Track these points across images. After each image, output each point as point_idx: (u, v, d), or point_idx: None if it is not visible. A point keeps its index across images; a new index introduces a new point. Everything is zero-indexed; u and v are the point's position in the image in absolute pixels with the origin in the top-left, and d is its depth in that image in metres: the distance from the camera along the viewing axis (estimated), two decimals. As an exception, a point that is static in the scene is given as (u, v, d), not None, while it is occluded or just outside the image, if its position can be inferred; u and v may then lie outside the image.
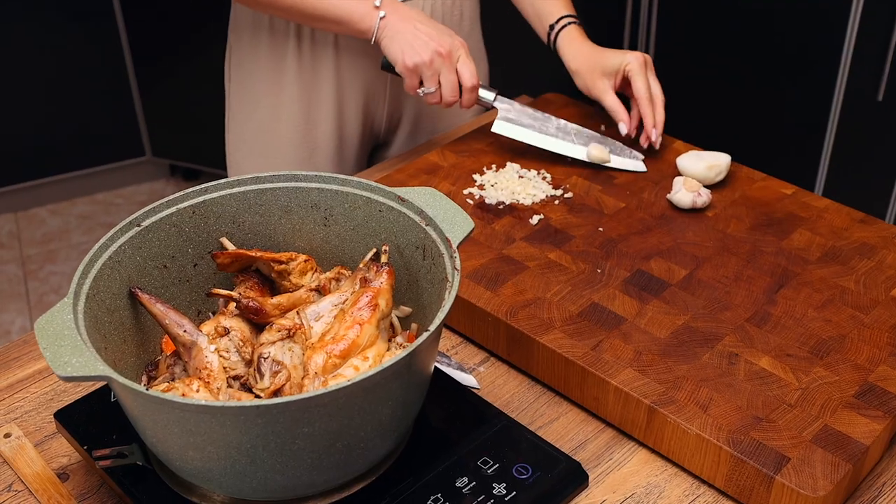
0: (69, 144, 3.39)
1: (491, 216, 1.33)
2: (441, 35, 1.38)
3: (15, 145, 3.31)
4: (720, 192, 1.37)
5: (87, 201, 3.48)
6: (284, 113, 1.57)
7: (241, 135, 1.63)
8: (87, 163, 3.46)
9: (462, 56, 1.39)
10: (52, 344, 0.84)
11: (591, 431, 1.09)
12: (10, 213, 3.41)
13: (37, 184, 3.40)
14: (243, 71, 1.58)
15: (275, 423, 0.81)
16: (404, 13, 1.40)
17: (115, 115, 3.39)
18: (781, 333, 1.12)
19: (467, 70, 1.40)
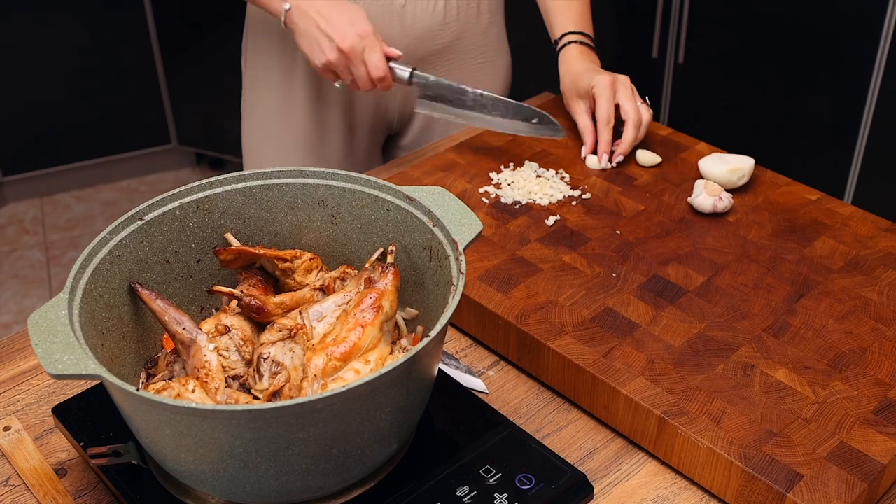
0: (95, 131, 3.39)
1: (506, 216, 1.30)
2: (344, 28, 1.33)
3: (42, 131, 3.31)
4: (742, 197, 1.33)
5: (112, 188, 3.49)
6: (296, 100, 1.55)
7: (254, 121, 1.62)
8: (113, 150, 3.46)
9: (367, 46, 1.34)
10: (45, 340, 0.82)
11: (599, 441, 1.06)
12: (36, 199, 3.42)
13: (62, 169, 3.41)
14: (258, 58, 1.57)
15: (268, 428, 0.78)
16: (308, 4, 1.35)
17: (142, 103, 3.40)
18: (800, 345, 1.08)
19: (372, 62, 1.35)
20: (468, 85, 1.40)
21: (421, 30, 1.52)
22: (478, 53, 1.61)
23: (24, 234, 3.26)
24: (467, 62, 1.60)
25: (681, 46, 2.47)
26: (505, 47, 1.68)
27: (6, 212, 3.36)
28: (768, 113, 2.41)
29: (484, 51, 1.62)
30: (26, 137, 3.31)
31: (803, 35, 2.26)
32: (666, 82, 2.56)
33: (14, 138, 3.29)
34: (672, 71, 2.53)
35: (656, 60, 2.53)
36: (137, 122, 3.44)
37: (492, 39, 1.62)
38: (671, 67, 2.53)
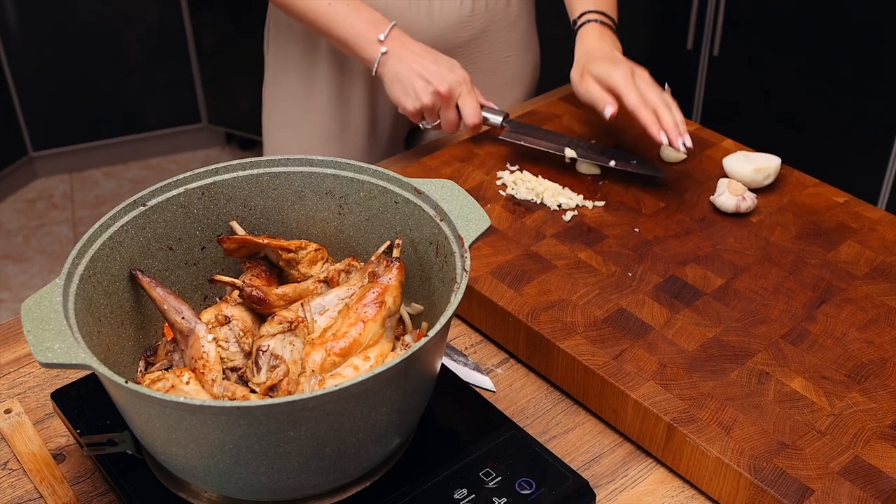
0: (126, 108, 3.40)
1: (522, 209, 1.27)
2: (441, 73, 1.34)
3: (73, 107, 3.33)
4: (767, 197, 1.29)
5: (141, 166, 3.49)
6: (318, 87, 1.53)
7: (275, 105, 1.60)
8: (144, 127, 3.47)
9: (463, 92, 1.36)
10: (37, 327, 0.81)
11: (607, 445, 1.03)
12: (66, 174, 3.43)
13: (93, 146, 3.42)
14: (280, 42, 1.54)
15: (258, 425, 0.77)
16: (405, 51, 1.35)
17: (173, 82, 3.40)
18: (818, 353, 1.05)
19: (468, 108, 1.36)
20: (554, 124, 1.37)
21: (448, 21, 1.49)
22: (505, 47, 1.57)
23: (52, 210, 3.27)
24: (494, 55, 1.57)
25: (716, 38, 2.41)
26: (534, 41, 1.64)
27: (36, 186, 3.38)
28: (804, 109, 2.35)
29: (511, 44, 1.58)
30: (57, 113, 3.32)
31: (844, 30, 2.20)
32: (700, 75, 2.51)
33: (45, 114, 3.30)
34: (707, 63, 2.48)
35: (691, 52, 2.48)
36: (168, 101, 3.44)
37: (520, 33, 1.59)
38: (706, 60, 2.48)
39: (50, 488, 0.97)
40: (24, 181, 3.37)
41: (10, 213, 3.26)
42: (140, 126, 3.46)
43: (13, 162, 3.30)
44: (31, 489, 0.99)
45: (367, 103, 1.55)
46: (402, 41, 1.35)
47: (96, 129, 3.40)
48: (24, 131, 3.29)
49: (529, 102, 1.60)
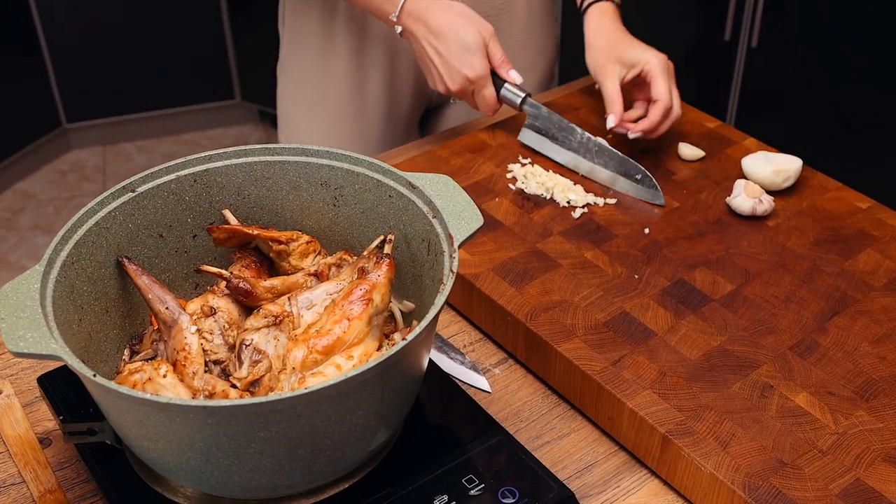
0: (161, 83, 3.40)
1: (531, 205, 1.24)
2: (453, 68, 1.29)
3: (108, 80, 3.34)
4: (786, 200, 1.24)
5: (174, 140, 3.50)
6: (334, 68, 1.50)
7: (290, 84, 1.57)
8: (177, 102, 3.47)
9: (478, 88, 1.31)
10: (11, 315, 0.79)
11: (602, 453, 1.00)
12: (99, 146, 3.45)
13: (126, 119, 3.43)
14: (296, 19, 1.51)
15: (227, 425, 0.75)
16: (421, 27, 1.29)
17: (208, 57, 3.39)
18: (826, 367, 1.00)
19: (482, 103, 1.33)
20: (577, 125, 1.32)
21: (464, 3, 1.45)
22: (524, 30, 1.53)
23: (84, 182, 3.29)
24: (511, 39, 1.53)
25: (755, 30, 2.35)
26: (552, 26, 1.60)
27: (69, 158, 3.40)
28: (841, 107, 2.28)
29: (529, 28, 1.54)
30: (92, 86, 3.33)
31: (886, 27, 2.12)
32: (737, 67, 2.45)
33: (80, 86, 3.31)
34: (744, 55, 2.42)
35: (728, 43, 2.42)
36: (203, 76, 3.44)
37: (537, 17, 1.55)
38: (743, 51, 2.41)
39: (33, 473, 0.96)
40: (58, 152, 3.39)
41: (43, 183, 3.28)
42: (174, 101, 3.46)
43: (47, 133, 3.32)
44: (15, 473, 0.98)
45: (385, 85, 1.52)
46: (416, 15, 1.29)
47: (130, 102, 3.41)
48: (59, 103, 3.31)
49: (548, 93, 1.56)
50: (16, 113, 3.20)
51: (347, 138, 1.56)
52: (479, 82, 1.30)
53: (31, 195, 3.23)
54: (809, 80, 2.32)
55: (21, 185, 3.26)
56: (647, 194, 1.25)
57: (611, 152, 1.29)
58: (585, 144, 1.30)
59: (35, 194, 3.23)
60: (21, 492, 0.96)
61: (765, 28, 2.33)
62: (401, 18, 1.30)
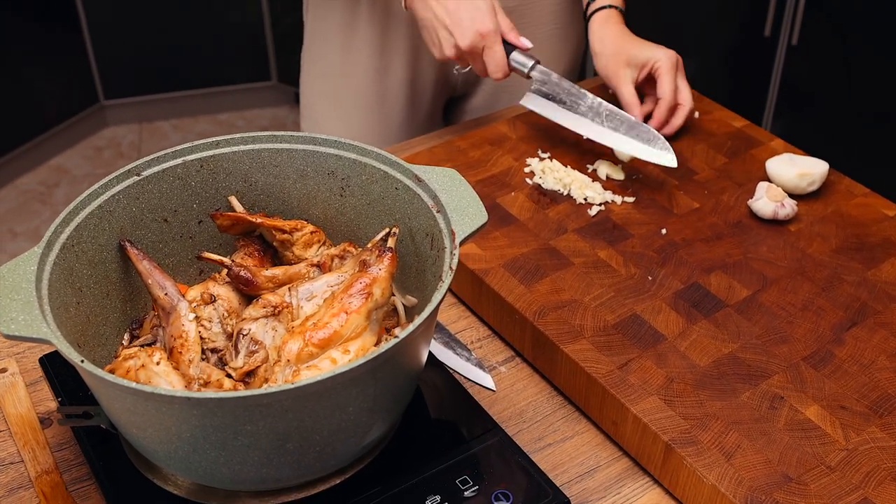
0: (198, 62, 3.41)
1: (547, 200, 1.22)
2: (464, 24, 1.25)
3: (146, 58, 3.35)
4: (810, 204, 1.21)
5: (210, 120, 3.51)
6: (356, 57, 1.49)
7: (314, 72, 1.56)
8: (214, 82, 3.48)
9: (488, 45, 1.26)
10: (5, 296, 0.79)
11: (604, 458, 0.98)
12: (135, 124, 3.47)
13: (163, 97, 3.45)
14: (319, 6, 1.50)
15: (212, 417, 0.74)
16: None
17: (246, 38, 3.39)
18: (840, 380, 0.97)
19: (492, 63, 1.27)
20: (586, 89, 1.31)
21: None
22: (550, 21, 1.51)
23: (119, 159, 3.31)
24: (538, 30, 1.50)
25: (796, 26, 2.29)
26: (580, 20, 1.57)
27: (106, 134, 3.42)
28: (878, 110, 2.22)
29: (556, 18, 1.51)
30: (131, 63, 3.35)
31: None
32: (777, 64, 2.40)
33: (119, 63, 3.33)
34: (784, 52, 2.36)
35: (768, 39, 2.37)
36: (240, 57, 3.44)
37: (565, 8, 1.52)
38: (783, 48, 2.36)
39: (31, 453, 0.96)
40: (95, 129, 3.41)
41: (79, 159, 3.30)
42: (211, 80, 3.47)
43: (85, 109, 3.35)
44: (15, 452, 0.98)
45: (408, 73, 1.50)
46: None
47: (167, 81, 3.42)
48: (97, 79, 3.33)
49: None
50: (55, 88, 3.23)
51: (369, 127, 1.54)
52: (490, 37, 1.25)
53: (66, 170, 3.26)
54: (848, 80, 2.26)
55: (57, 160, 3.29)
56: (659, 156, 1.23)
57: (622, 115, 1.26)
58: (595, 108, 1.27)
59: (70, 170, 3.26)
60: (19, 471, 0.96)
61: (806, 25, 2.28)
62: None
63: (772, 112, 2.47)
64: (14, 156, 3.16)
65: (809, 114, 2.41)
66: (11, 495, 0.94)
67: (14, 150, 3.16)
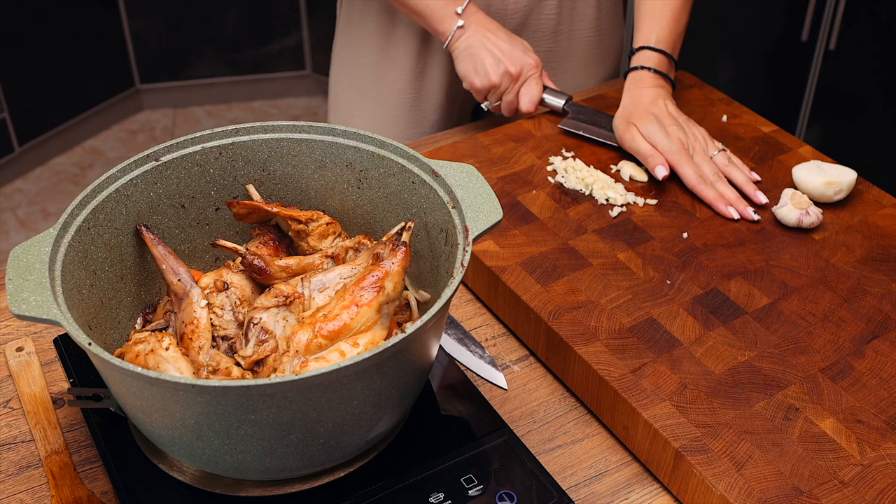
0: (234, 49, 3.42)
1: (568, 199, 1.21)
2: (514, 53, 1.32)
3: (183, 44, 3.37)
4: (836, 213, 1.19)
5: (243, 108, 3.52)
6: (394, 57, 1.48)
7: (345, 68, 1.55)
8: (249, 70, 3.49)
9: (531, 77, 1.34)
10: (18, 276, 0.79)
11: (614, 462, 0.97)
12: (170, 109, 3.49)
13: (198, 83, 3.47)
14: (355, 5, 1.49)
15: (216, 405, 0.74)
16: (483, 26, 1.34)
17: (282, 27, 3.40)
18: (858, 394, 0.96)
19: (529, 95, 1.34)
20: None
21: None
22: (591, 27, 1.49)
23: (152, 142, 3.33)
24: (577, 33, 1.49)
25: (834, 31, 2.26)
26: (619, 22, 1.55)
27: (140, 118, 3.45)
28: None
29: (596, 25, 1.49)
30: (167, 49, 3.37)
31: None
32: (813, 69, 2.36)
33: (156, 48, 3.35)
34: (821, 57, 2.33)
35: (805, 44, 2.33)
36: (276, 46, 3.45)
37: (606, 12, 1.50)
38: (821, 53, 2.32)
39: (42, 432, 0.97)
40: (130, 112, 3.44)
41: (113, 142, 3.33)
42: (245, 68, 3.48)
43: (121, 92, 3.37)
44: (27, 431, 0.99)
45: (445, 76, 1.49)
46: (478, 17, 1.33)
47: (203, 67, 3.44)
48: (133, 64, 3.35)
49: (601, 86, 1.52)
50: (92, 71, 3.25)
51: (401, 126, 1.53)
52: (537, 70, 1.33)
53: (100, 152, 3.28)
54: (886, 87, 2.23)
55: (91, 141, 3.32)
56: None
57: None
58: None
59: (104, 152, 3.29)
60: (30, 449, 0.97)
61: (844, 30, 2.24)
62: (465, 13, 1.33)
63: (807, 118, 2.43)
64: (49, 136, 3.20)
65: (845, 121, 2.38)
66: (21, 473, 0.94)
67: (50, 131, 3.19)
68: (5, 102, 3.00)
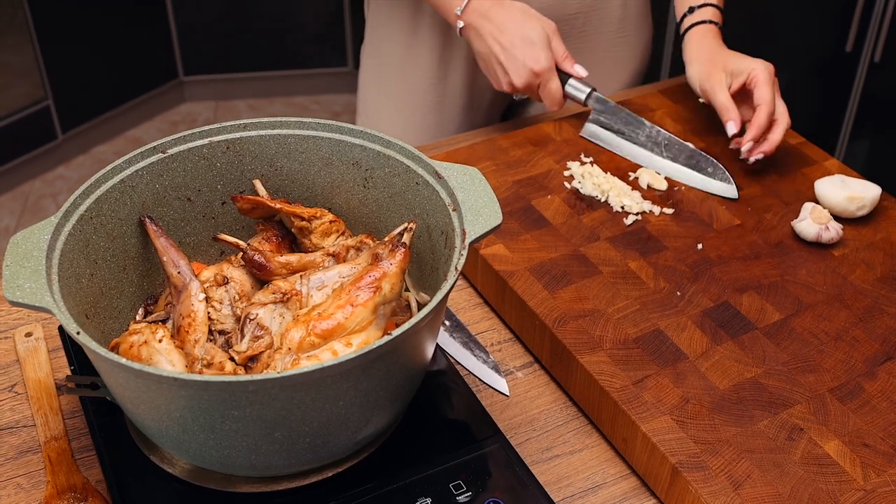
0: (278, 45, 3.44)
1: (583, 206, 1.19)
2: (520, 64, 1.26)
3: (227, 37, 3.40)
4: (858, 229, 1.16)
5: (285, 102, 3.54)
6: (418, 57, 1.47)
7: (373, 69, 1.55)
8: (292, 65, 3.51)
9: (543, 82, 1.27)
10: (16, 263, 0.80)
11: (612, 475, 0.95)
12: (212, 101, 3.52)
13: (241, 77, 3.49)
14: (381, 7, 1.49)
15: (199, 399, 0.73)
16: (486, 22, 1.27)
17: (325, 23, 3.41)
18: (867, 416, 0.93)
19: (548, 95, 1.29)
20: (646, 118, 1.29)
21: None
22: (617, 27, 1.47)
23: (193, 134, 3.36)
24: (603, 34, 1.47)
25: (880, 42, 2.21)
26: (647, 23, 1.53)
27: (182, 109, 3.48)
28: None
29: (622, 27, 1.47)
30: (211, 41, 3.40)
31: None
32: (857, 80, 2.31)
33: (200, 41, 3.38)
34: (866, 68, 2.28)
35: (850, 55, 2.28)
36: (318, 42, 3.46)
37: (634, 13, 1.48)
38: (865, 65, 2.27)
39: (43, 418, 0.98)
40: (172, 103, 3.47)
41: (155, 132, 3.37)
42: (288, 63, 3.50)
43: (164, 83, 3.41)
44: (29, 415, 1.00)
45: (467, 77, 1.48)
46: (481, 12, 1.28)
47: (246, 61, 3.47)
48: (178, 55, 3.39)
49: (624, 92, 1.50)
50: (136, 61, 3.29)
51: (425, 128, 1.53)
52: (545, 75, 1.27)
53: (141, 142, 3.32)
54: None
55: (133, 131, 3.36)
56: (719, 188, 1.21)
57: (681, 145, 1.25)
58: (654, 138, 1.27)
59: (145, 142, 3.33)
60: (31, 434, 0.98)
61: (890, 41, 2.19)
62: (465, 14, 1.29)
63: (849, 129, 2.38)
64: (92, 125, 3.24)
65: (889, 133, 2.32)
66: (20, 458, 0.95)
67: (93, 119, 3.23)
68: (50, 90, 3.05)
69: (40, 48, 2.98)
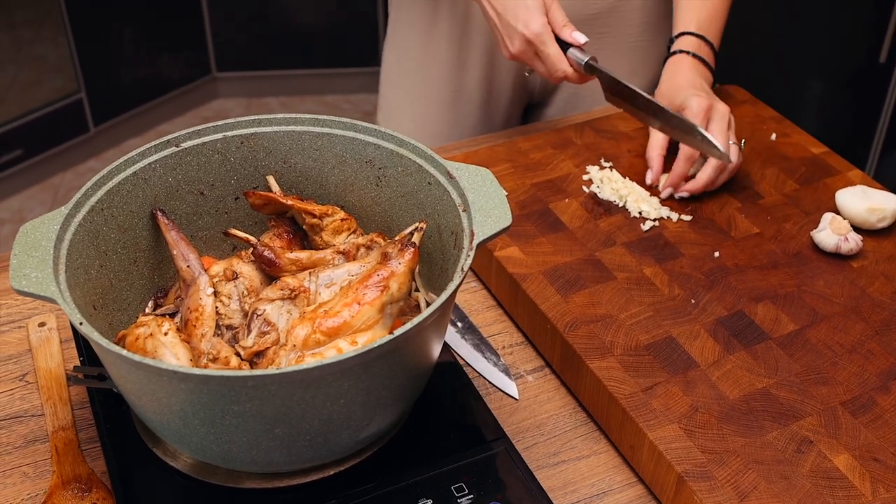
0: (310, 43, 3.46)
1: (601, 210, 1.18)
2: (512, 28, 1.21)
3: (260, 34, 3.42)
4: (878, 241, 1.14)
5: (316, 101, 3.55)
6: (436, 50, 1.47)
7: (394, 62, 1.56)
8: (325, 63, 3.52)
9: (539, 46, 1.20)
10: (24, 252, 0.81)
11: (618, 482, 0.95)
12: (244, 98, 3.54)
13: (273, 74, 3.51)
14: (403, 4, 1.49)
15: (199, 393, 0.74)
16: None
17: (359, 23, 3.42)
18: (878, 431, 0.91)
19: (549, 61, 1.21)
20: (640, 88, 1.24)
21: None
22: (637, 33, 1.46)
23: (224, 131, 3.38)
24: (623, 36, 1.46)
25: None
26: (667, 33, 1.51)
27: (214, 105, 3.50)
28: None
29: (643, 30, 1.46)
30: (244, 39, 3.42)
31: None
32: (890, 91, 2.28)
33: (234, 37, 3.40)
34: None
35: (883, 66, 2.25)
36: (352, 41, 3.47)
37: (655, 16, 1.47)
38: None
39: (52, 407, 0.99)
40: (204, 99, 3.50)
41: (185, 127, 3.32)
42: (321, 62, 3.51)
43: (197, 79, 3.43)
44: (39, 405, 1.00)
45: (484, 72, 1.48)
46: None
47: (279, 58, 3.48)
48: (211, 52, 3.41)
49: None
50: (170, 57, 3.32)
51: (443, 125, 1.53)
52: (538, 39, 1.20)
53: (172, 137, 3.35)
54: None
55: (165, 126, 3.39)
56: (712, 151, 1.16)
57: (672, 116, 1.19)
58: (650, 106, 1.21)
59: (177, 137, 3.35)
60: (39, 423, 0.98)
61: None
62: None
63: (881, 141, 2.35)
64: (124, 118, 3.27)
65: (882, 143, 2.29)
66: (28, 446, 0.96)
67: (125, 113, 3.26)
68: (83, 83, 3.08)
69: (75, 42, 3.02)
